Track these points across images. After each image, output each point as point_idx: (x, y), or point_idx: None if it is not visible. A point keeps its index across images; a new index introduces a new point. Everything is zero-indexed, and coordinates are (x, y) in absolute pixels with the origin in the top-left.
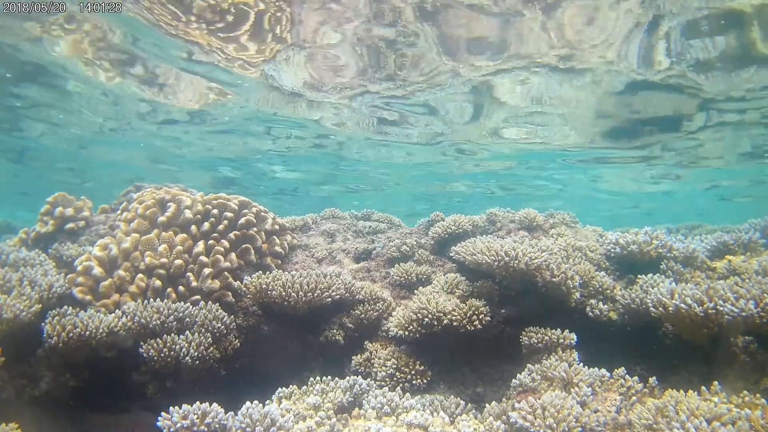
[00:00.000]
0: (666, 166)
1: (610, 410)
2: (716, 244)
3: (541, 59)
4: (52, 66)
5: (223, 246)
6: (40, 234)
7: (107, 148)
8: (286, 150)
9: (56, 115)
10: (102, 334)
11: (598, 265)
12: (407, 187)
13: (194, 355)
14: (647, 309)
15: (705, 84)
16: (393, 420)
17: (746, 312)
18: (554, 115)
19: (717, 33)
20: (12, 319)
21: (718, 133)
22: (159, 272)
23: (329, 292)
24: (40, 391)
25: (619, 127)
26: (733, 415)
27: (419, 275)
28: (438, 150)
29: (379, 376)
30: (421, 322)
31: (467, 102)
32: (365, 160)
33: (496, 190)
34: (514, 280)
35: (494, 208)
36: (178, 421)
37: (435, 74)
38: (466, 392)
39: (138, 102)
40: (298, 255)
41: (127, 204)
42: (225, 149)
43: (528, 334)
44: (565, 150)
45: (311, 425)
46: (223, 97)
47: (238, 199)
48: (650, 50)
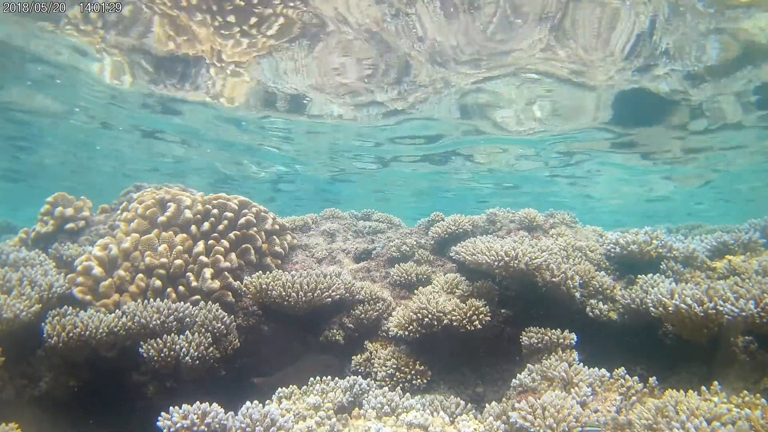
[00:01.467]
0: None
1: (610, 410)
2: (716, 244)
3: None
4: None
5: (223, 246)
6: (40, 234)
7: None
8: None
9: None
10: (102, 334)
11: (598, 265)
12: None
13: (194, 355)
14: (647, 309)
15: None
16: (393, 420)
17: (746, 312)
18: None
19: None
20: (12, 319)
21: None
22: (159, 272)
23: (329, 292)
24: (40, 391)
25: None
26: (733, 415)
27: (419, 275)
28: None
29: (379, 376)
30: (421, 322)
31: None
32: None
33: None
34: (514, 280)
35: (494, 208)
36: (178, 421)
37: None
38: (466, 392)
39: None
40: (298, 255)
41: (127, 204)
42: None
43: (528, 334)
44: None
45: (311, 425)
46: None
47: (238, 199)
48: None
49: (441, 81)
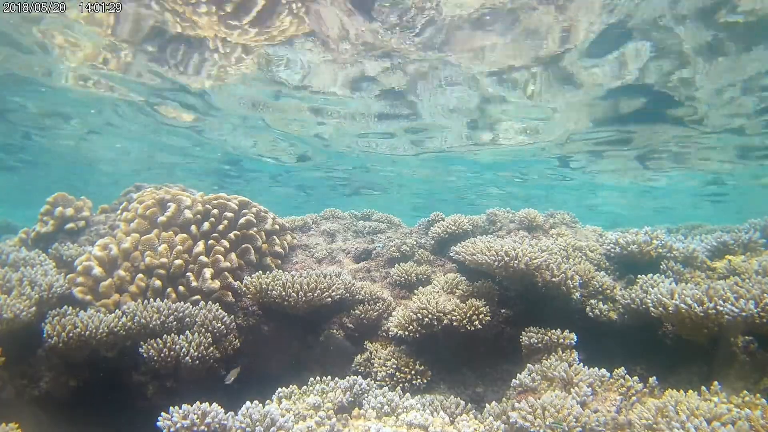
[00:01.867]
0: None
1: (610, 410)
2: (716, 244)
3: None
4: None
5: (223, 246)
6: (40, 234)
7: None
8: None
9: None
10: (102, 334)
11: (598, 265)
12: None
13: (194, 355)
14: (647, 309)
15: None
16: (393, 420)
17: (746, 312)
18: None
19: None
20: (12, 319)
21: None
22: (159, 272)
23: (329, 292)
24: (40, 391)
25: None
26: (733, 415)
27: (419, 275)
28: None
29: (379, 376)
30: (421, 322)
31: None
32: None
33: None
34: (514, 280)
35: (494, 208)
36: (178, 421)
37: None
38: (466, 392)
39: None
40: (298, 255)
41: (127, 204)
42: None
43: (528, 334)
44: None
45: (311, 425)
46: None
47: (238, 199)
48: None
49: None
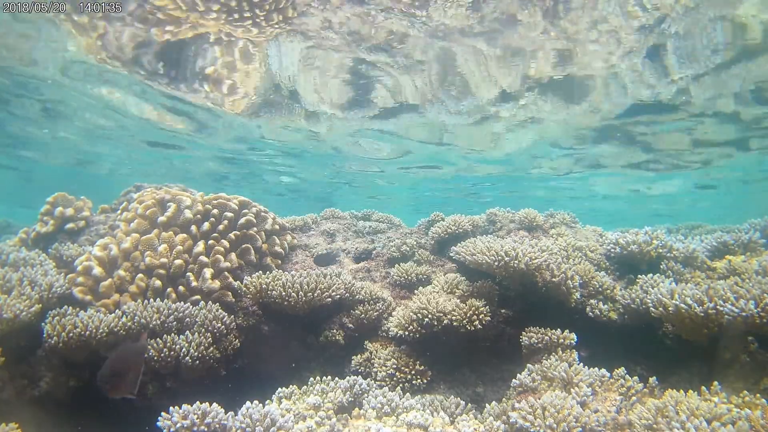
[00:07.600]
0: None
1: (610, 410)
2: (716, 244)
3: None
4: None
5: (223, 246)
6: (40, 234)
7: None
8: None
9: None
10: (102, 334)
11: (598, 265)
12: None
13: (194, 355)
14: (647, 309)
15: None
16: (393, 420)
17: (746, 312)
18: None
19: None
20: (12, 319)
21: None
22: (159, 272)
23: (329, 292)
24: (40, 391)
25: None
26: (733, 415)
27: (419, 275)
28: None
29: (379, 376)
30: (421, 322)
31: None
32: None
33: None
34: (514, 280)
35: (494, 208)
36: (178, 421)
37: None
38: (466, 392)
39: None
40: (298, 255)
41: (127, 204)
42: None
43: (528, 334)
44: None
45: (311, 425)
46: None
47: (238, 199)
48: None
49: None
